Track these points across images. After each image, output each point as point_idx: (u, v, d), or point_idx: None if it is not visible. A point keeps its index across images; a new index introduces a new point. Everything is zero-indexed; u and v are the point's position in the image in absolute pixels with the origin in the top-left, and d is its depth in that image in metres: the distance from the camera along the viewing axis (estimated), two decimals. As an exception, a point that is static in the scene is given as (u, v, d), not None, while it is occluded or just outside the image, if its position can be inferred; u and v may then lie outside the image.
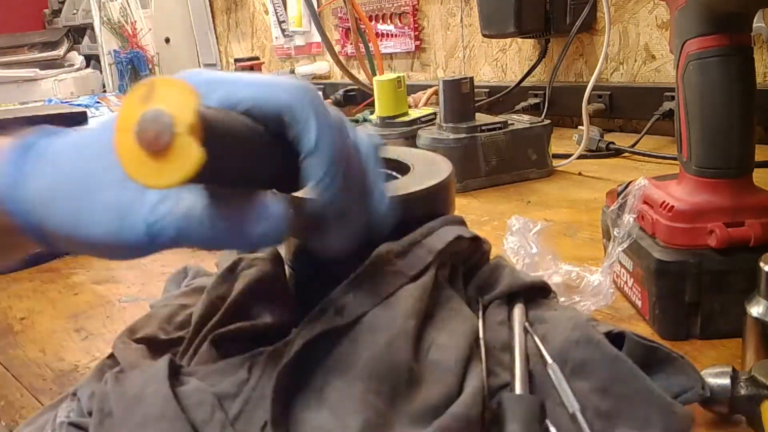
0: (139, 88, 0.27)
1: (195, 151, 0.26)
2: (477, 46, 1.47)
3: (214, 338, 0.38)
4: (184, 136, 0.26)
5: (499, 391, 0.36)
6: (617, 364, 0.35)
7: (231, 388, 0.34)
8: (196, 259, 0.73)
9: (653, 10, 1.14)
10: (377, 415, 0.31)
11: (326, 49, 1.24)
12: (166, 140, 0.26)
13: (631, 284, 0.51)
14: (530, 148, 0.94)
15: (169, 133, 0.26)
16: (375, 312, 0.36)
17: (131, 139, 0.26)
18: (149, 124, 0.26)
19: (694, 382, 0.36)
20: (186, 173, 0.26)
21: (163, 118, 0.26)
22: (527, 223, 0.55)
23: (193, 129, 0.26)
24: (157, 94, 0.26)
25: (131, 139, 0.26)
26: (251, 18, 2.16)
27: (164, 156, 0.26)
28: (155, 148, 0.26)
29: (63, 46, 2.46)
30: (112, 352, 0.43)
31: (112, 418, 0.33)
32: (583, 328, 0.37)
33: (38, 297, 0.68)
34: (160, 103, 0.26)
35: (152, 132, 0.26)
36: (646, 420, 0.33)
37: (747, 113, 0.45)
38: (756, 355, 0.40)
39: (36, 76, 2.27)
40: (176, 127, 0.26)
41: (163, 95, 0.26)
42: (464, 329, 0.36)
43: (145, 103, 0.26)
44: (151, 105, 0.26)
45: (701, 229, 0.45)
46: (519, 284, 0.41)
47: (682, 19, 0.46)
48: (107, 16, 2.19)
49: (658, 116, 1.06)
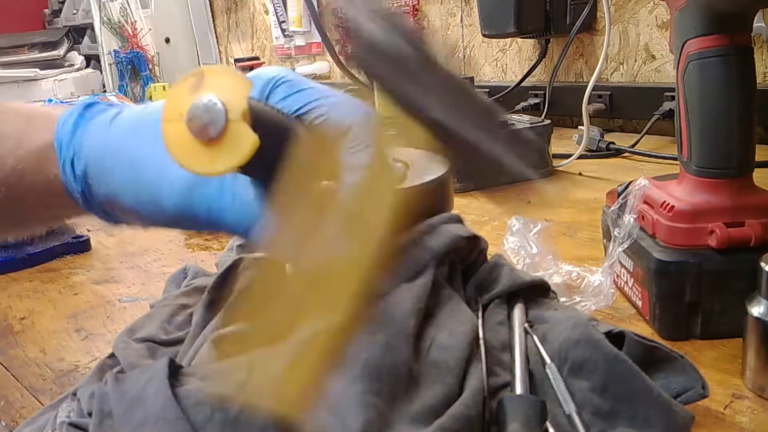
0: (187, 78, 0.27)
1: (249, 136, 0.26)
2: (477, 46, 1.47)
3: (214, 338, 0.38)
4: (237, 122, 0.26)
5: (499, 391, 0.36)
6: (617, 364, 0.35)
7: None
8: (196, 259, 0.73)
9: (653, 10, 1.14)
10: (378, 415, 0.31)
11: (326, 49, 1.24)
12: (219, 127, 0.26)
13: (632, 284, 0.51)
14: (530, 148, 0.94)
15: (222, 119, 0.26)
16: (374, 311, 0.36)
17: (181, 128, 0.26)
18: (201, 112, 0.26)
19: (694, 381, 0.36)
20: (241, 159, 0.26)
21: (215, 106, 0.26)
22: (527, 223, 0.55)
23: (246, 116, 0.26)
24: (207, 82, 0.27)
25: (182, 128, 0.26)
26: (251, 18, 2.16)
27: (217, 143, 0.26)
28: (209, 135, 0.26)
29: (63, 46, 2.46)
30: (112, 352, 0.43)
31: (112, 419, 0.33)
32: (584, 327, 0.37)
33: (38, 297, 0.68)
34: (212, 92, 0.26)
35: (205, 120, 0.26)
36: (646, 419, 0.33)
37: (747, 113, 0.45)
38: (756, 356, 0.40)
39: (36, 76, 2.27)
40: (230, 114, 0.26)
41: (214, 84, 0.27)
42: (465, 329, 0.36)
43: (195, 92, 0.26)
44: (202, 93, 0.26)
45: (701, 229, 0.45)
46: (518, 283, 0.41)
47: (682, 19, 0.46)
48: (107, 16, 2.19)
49: (658, 116, 1.06)
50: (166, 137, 0.27)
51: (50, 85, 2.26)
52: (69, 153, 0.38)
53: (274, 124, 0.30)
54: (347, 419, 0.31)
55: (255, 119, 0.27)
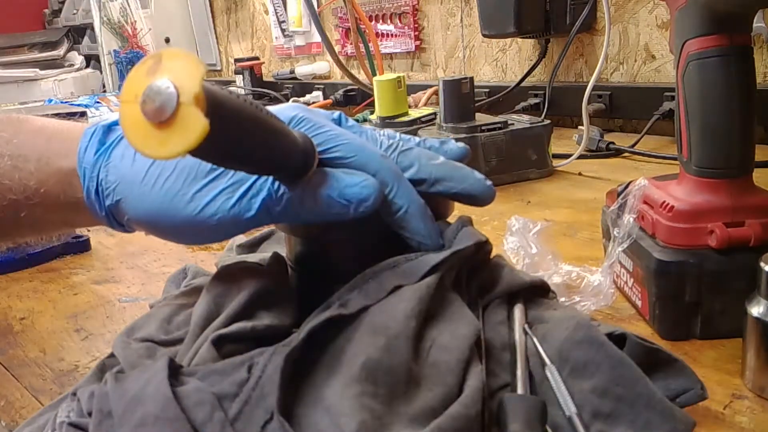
0: (146, 61, 0.27)
1: (200, 121, 0.26)
2: (477, 46, 1.47)
3: (215, 338, 0.38)
4: (188, 105, 0.26)
5: (499, 391, 0.36)
6: (621, 367, 0.35)
7: (231, 388, 0.34)
8: (196, 259, 0.73)
9: (653, 10, 1.14)
10: (373, 417, 0.31)
11: (326, 49, 1.24)
12: (170, 110, 0.26)
13: (631, 284, 0.51)
14: (530, 148, 0.94)
15: (173, 103, 0.26)
16: (375, 311, 0.36)
17: (136, 110, 0.26)
18: (154, 94, 0.26)
19: (693, 383, 0.36)
20: (190, 143, 0.26)
21: (168, 89, 0.26)
22: (527, 223, 0.55)
23: (198, 99, 0.26)
24: (163, 66, 0.27)
25: (136, 111, 0.26)
26: (251, 18, 2.16)
27: (169, 126, 0.26)
28: (160, 118, 0.26)
29: (63, 46, 2.46)
30: (112, 352, 0.43)
31: (111, 418, 0.33)
32: (586, 328, 0.37)
33: (38, 297, 0.68)
34: (166, 75, 0.26)
35: (157, 102, 0.26)
36: (646, 423, 0.33)
37: (747, 113, 0.45)
38: (756, 356, 0.40)
39: (36, 76, 2.27)
40: (181, 97, 0.26)
41: (170, 67, 0.26)
42: (466, 331, 0.36)
43: (151, 75, 0.26)
44: (158, 76, 0.26)
45: (701, 229, 0.45)
46: (518, 284, 0.41)
47: (682, 19, 0.46)
48: (107, 16, 2.19)
49: (658, 116, 1.06)
50: (122, 118, 0.27)
51: (50, 85, 2.26)
52: (93, 183, 0.39)
53: (234, 111, 0.30)
54: (341, 420, 0.31)
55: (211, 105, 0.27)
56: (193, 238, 0.40)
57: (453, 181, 0.41)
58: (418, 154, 0.41)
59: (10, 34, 2.44)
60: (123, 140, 0.40)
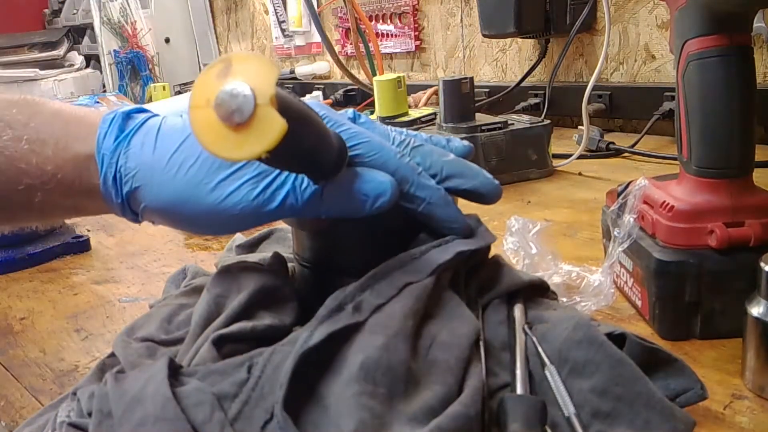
0: (215, 65, 0.27)
1: (278, 121, 0.26)
2: (477, 46, 1.47)
3: (215, 338, 0.38)
4: (265, 107, 0.26)
5: (498, 391, 0.36)
6: (621, 366, 0.35)
7: (231, 388, 0.34)
8: (196, 259, 0.73)
9: (653, 10, 1.14)
10: (372, 417, 0.31)
11: (326, 49, 1.24)
12: (248, 112, 0.26)
13: (631, 284, 0.51)
14: (530, 148, 0.94)
15: (251, 104, 0.26)
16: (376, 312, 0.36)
17: (210, 114, 0.26)
18: (230, 97, 0.26)
19: (693, 383, 0.36)
20: (269, 143, 0.26)
21: (243, 91, 0.26)
22: (527, 223, 0.55)
23: (273, 101, 0.26)
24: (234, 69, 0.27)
25: (210, 114, 0.27)
26: (251, 18, 2.16)
27: (246, 128, 0.26)
28: (237, 120, 0.26)
29: (63, 46, 2.46)
30: (112, 352, 0.43)
31: (111, 418, 0.33)
32: (586, 328, 0.37)
33: (38, 297, 0.68)
34: (239, 77, 0.26)
35: (233, 105, 0.26)
36: (646, 423, 0.33)
37: (747, 113, 0.45)
38: (756, 356, 0.40)
39: (36, 76, 2.27)
40: (258, 99, 0.26)
41: (241, 70, 0.27)
42: (466, 330, 0.36)
43: (222, 79, 0.27)
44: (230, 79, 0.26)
45: (701, 229, 0.45)
46: (518, 283, 0.41)
47: (682, 19, 0.46)
48: (107, 16, 2.19)
49: (658, 116, 1.06)
50: (194, 124, 0.27)
51: (50, 85, 2.26)
52: (111, 169, 0.39)
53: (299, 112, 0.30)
54: (340, 420, 0.31)
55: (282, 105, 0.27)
56: (211, 228, 0.41)
57: (463, 178, 0.41)
58: (429, 150, 0.41)
59: (10, 34, 2.44)
60: (142, 128, 0.40)
